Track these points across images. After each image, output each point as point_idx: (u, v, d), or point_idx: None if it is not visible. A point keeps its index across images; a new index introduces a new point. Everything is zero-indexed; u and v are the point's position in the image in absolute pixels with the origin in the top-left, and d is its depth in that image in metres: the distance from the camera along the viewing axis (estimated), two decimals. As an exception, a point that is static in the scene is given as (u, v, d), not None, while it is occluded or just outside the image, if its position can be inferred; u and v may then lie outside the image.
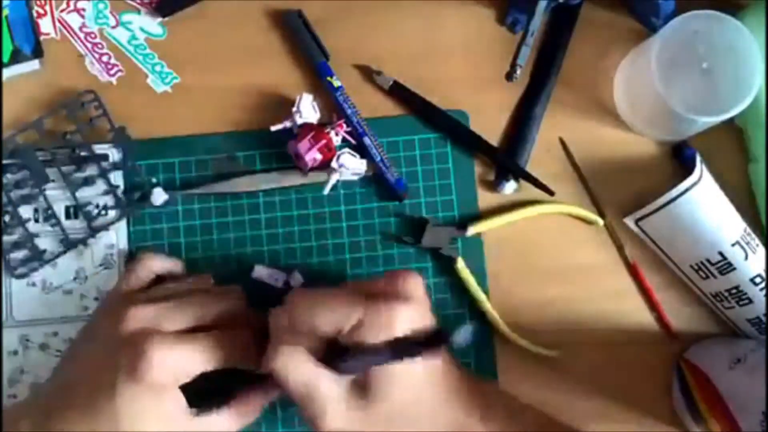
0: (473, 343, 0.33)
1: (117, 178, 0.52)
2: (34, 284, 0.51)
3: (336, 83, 0.52)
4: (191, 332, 0.44)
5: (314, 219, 0.52)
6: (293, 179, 0.52)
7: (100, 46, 0.53)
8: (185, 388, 0.43)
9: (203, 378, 0.44)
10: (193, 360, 0.43)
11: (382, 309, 0.41)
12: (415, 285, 0.43)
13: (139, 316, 0.43)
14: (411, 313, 0.41)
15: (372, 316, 0.41)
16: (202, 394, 0.45)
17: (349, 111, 0.52)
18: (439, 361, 0.43)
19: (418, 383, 0.41)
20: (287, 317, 0.42)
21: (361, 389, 0.41)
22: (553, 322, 0.52)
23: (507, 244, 0.53)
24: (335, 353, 0.41)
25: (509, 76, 0.52)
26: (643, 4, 0.52)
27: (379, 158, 0.51)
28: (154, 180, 0.52)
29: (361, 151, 0.51)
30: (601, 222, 0.53)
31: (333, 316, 0.41)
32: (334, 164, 0.50)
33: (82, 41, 0.53)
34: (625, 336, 0.52)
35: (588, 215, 0.53)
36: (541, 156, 0.53)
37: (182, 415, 0.43)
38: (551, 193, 0.52)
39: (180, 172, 0.52)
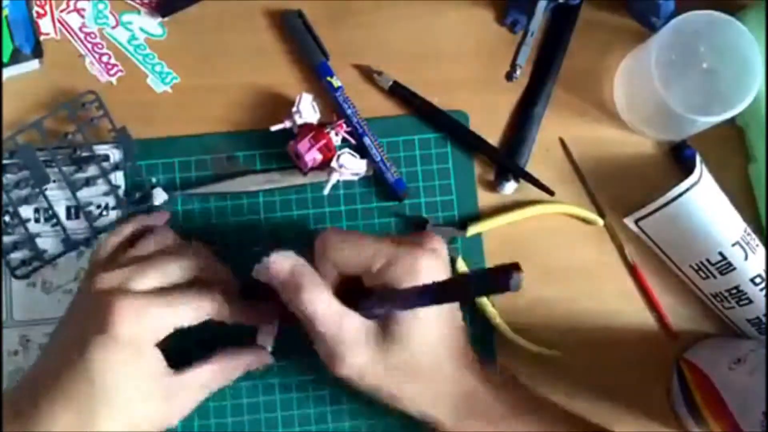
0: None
1: (118, 178, 0.52)
2: (34, 284, 0.50)
3: (336, 83, 0.52)
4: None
5: (314, 219, 0.52)
6: (293, 179, 0.52)
7: (100, 46, 0.53)
8: (166, 349, 0.43)
9: (184, 336, 0.43)
10: (165, 315, 0.42)
11: (410, 253, 0.42)
12: (440, 244, 0.44)
13: (106, 279, 0.43)
14: (436, 264, 0.42)
15: (400, 258, 0.42)
16: (183, 352, 0.44)
17: (349, 111, 0.52)
18: (457, 327, 0.44)
19: (436, 338, 0.42)
20: (317, 251, 0.43)
21: (382, 332, 0.42)
22: (553, 322, 0.52)
23: (507, 244, 0.53)
24: (356, 297, 0.42)
25: (509, 76, 0.52)
26: (643, 4, 0.52)
27: (379, 158, 0.51)
28: (153, 180, 0.52)
29: (361, 151, 0.51)
30: (601, 222, 0.53)
31: (363, 254, 0.42)
32: (334, 164, 0.50)
33: (82, 41, 0.53)
34: (625, 336, 0.52)
35: (588, 215, 0.53)
36: (541, 156, 0.53)
37: (162, 373, 0.42)
38: (551, 193, 0.52)
39: (180, 172, 0.52)
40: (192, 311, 0.43)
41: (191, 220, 0.52)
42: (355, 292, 0.43)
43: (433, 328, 0.42)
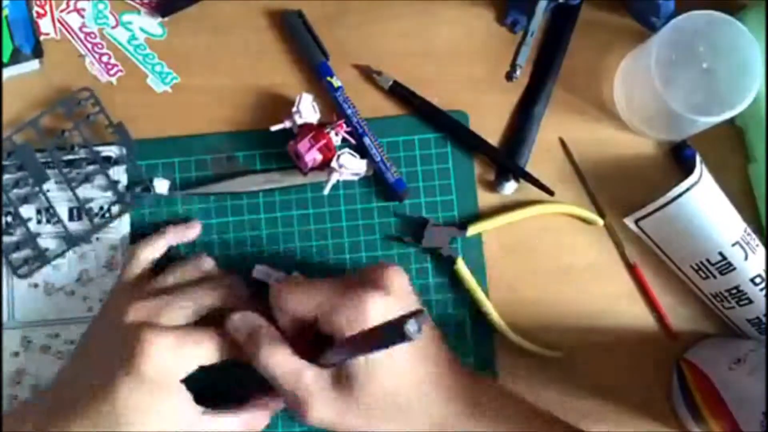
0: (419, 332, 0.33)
1: (117, 173, 0.52)
2: (36, 285, 0.50)
3: (336, 83, 0.52)
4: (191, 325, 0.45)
5: (314, 219, 0.52)
6: (293, 179, 0.52)
7: (100, 46, 0.53)
8: (199, 388, 0.43)
9: (218, 379, 0.44)
10: (192, 352, 0.43)
11: (354, 299, 0.41)
12: (395, 277, 0.44)
13: (139, 311, 0.44)
14: (385, 303, 0.42)
15: (345, 305, 0.41)
16: (217, 396, 0.45)
17: (349, 111, 0.52)
18: (428, 350, 0.43)
19: (400, 373, 0.42)
20: (272, 302, 0.44)
21: (345, 379, 0.41)
22: (553, 322, 0.52)
23: (507, 244, 0.53)
24: (316, 347, 0.42)
25: (509, 76, 0.52)
26: (643, 4, 0.52)
27: (379, 158, 0.51)
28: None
29: (361, 151, 0.51)
30: (601, 222, 0.53)
31: (311, 302, 0.42)
32: (334, 164, 0.50)
33: (82, 41, 0.53)
34: (625, 336, 0.52)
35: (588, 215, 0.53)
36: (541, 156, 0.53)
37: (189, 410, 0.43)
38: (551, 193, 0.52)
39: (180, 172, 0.52)
40: (220, 350, 0.44)
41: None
42: (320, 340, 0.43)
43: (403, 366, 0.42)
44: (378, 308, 0.41)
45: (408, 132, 0.53)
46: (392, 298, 0.42)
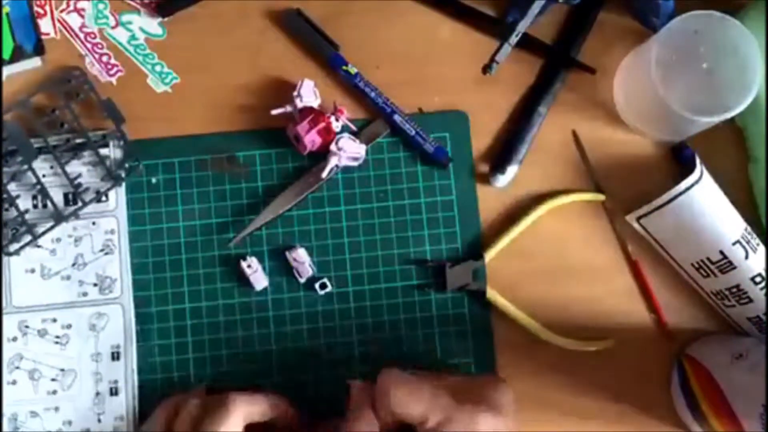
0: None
1: (107, 152, 0.51)
2: (33, 270, 0.51)
3: (352, 70, 0.52)
4: None
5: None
6: (309, 183, 0.51)
7: (100, 46, 0.53)
8: None
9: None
10: None
11: (469, 415, 0.41)
12: (507, 395, 0.44)
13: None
14: (495, 424, 0.41)
15: (458, 420, 0.41)
16: None
17: (372, 94, 0.52)
18: None
19: None
20: (375, 395, 0.43)
21: None
22: (554, 321, 0.52)
23: (509, 245, 0.52)
24: None
25: (485, 69, 0.52)
26: (643, 4, 0.52)
27: (413, 132, 0.51)
28: (153, 180, 0.52)
29: (394, 130, 0.52)
30: (602, 197, 0.53)
31: (420, 406, 0.42)
32: (333, 147, 0.50)
33: (82, 41, 0.53)
34: (625, 336, 0.52)
35: (592, 197, 0.53)
36: (540, 156, 0.53)
37: None
38: (593, 71, 0.53)
39: (180, 172, 0.52)
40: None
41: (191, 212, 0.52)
42: None
43: None
44: (487, 427, 0.41)
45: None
46: (502, 419, 0.42)
